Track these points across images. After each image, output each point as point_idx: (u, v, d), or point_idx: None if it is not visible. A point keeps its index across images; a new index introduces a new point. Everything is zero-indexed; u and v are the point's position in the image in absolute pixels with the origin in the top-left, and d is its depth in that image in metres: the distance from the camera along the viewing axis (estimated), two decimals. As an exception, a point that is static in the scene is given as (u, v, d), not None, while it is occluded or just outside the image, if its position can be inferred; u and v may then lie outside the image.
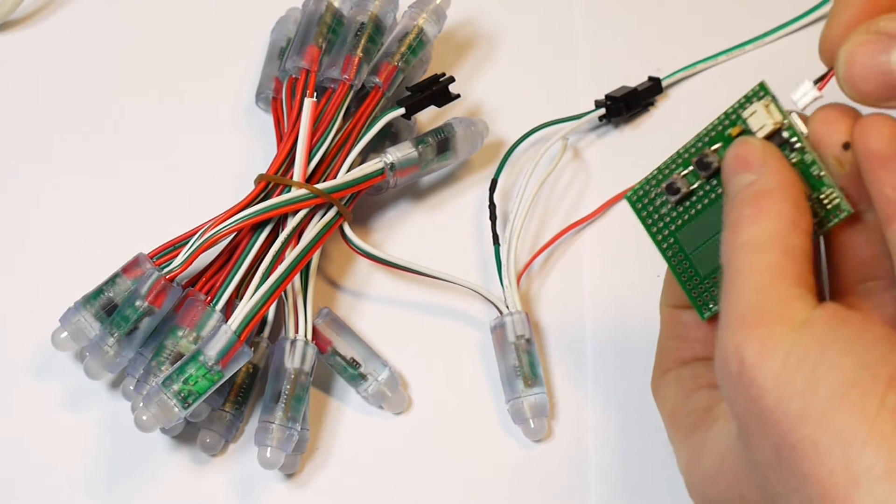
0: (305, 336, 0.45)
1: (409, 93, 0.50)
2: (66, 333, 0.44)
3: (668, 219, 0.39)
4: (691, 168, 0.38)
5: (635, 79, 0.54)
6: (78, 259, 0.50)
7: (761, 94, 0.37)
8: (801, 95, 0.36)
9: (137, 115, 0.54)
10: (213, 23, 0.57)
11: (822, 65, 0.37)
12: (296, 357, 0.45)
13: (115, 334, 0.43)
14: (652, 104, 0.54)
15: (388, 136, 0.51)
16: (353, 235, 0.48)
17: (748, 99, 0.37)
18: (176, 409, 0.41)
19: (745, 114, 0.37)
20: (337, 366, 0.46)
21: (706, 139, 0.38)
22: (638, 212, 0.40)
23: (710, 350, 0.35)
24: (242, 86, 0.54)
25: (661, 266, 0.40)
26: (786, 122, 0.36)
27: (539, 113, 0.52)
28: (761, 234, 0.33)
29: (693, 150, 0.38)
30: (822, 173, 0.35)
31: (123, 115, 0.54)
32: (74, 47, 0.56)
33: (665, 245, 0.39)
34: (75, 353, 0.47)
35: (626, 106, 0.53)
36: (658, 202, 0.39)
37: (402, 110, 0.50)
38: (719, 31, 0.56)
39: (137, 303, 0.44)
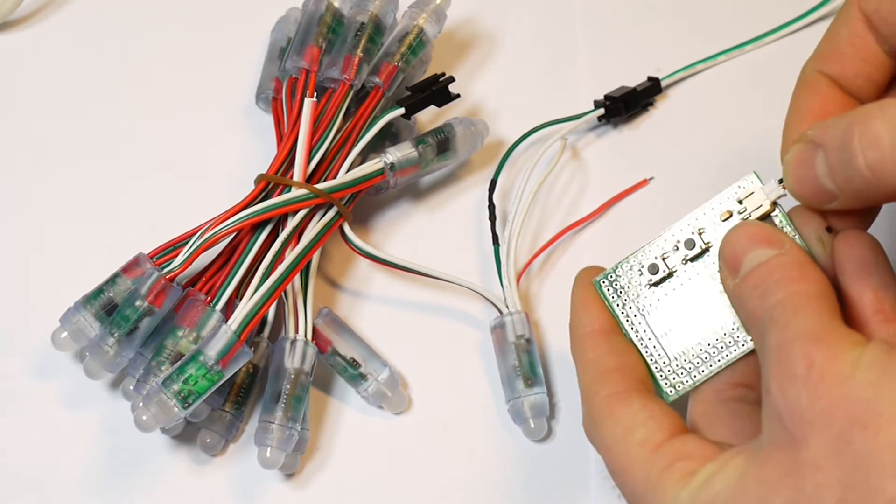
0: (305, 336, 0.45)
1: (409, 93, 0.50)
2: (66, 333, 0.44)
3: (639, 302, 0.40)
4: (671, 251, 0.40)
5: (634, 79, 0.54)
6: (78, 259, 0.50)
7: (752, 181, 0.39)
8: (767, 192, 0.39)
9: (137, 115, 0.54)
10: (213, 23, 0.57)
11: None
12: (296, 357, 0.45)
13: (115, 334, 0.43)
14: (651, 104, 0.54)
15: (388, 136, 0.51)
16: (353, 235, 0.48)
17: (740, 187, 0.40)
18: (176, 409, 0.41)
19: (742, 195, 0.39)
20: (337, 366, 0.46)
21: (691, 223, 0.40)
22: (606, 296, 0.41)
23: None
24: (242, 86, 0.54)
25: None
26: (776, 208, 0.39)
27: (538, 113, 0.52)
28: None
29: (676, 233, 0.40)
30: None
31: (123, 115, 0.54)
32: (74, 47, 0.56)
33: (633, 328, 0.40)
34: (75, 353, 0.47)
35: (625, 106, 0.53)
36: (630, 287, 0.40)
37: (402, 110, 0.50)
38: (719, 31, 0.56)
39: (137, 303, 0.44)
